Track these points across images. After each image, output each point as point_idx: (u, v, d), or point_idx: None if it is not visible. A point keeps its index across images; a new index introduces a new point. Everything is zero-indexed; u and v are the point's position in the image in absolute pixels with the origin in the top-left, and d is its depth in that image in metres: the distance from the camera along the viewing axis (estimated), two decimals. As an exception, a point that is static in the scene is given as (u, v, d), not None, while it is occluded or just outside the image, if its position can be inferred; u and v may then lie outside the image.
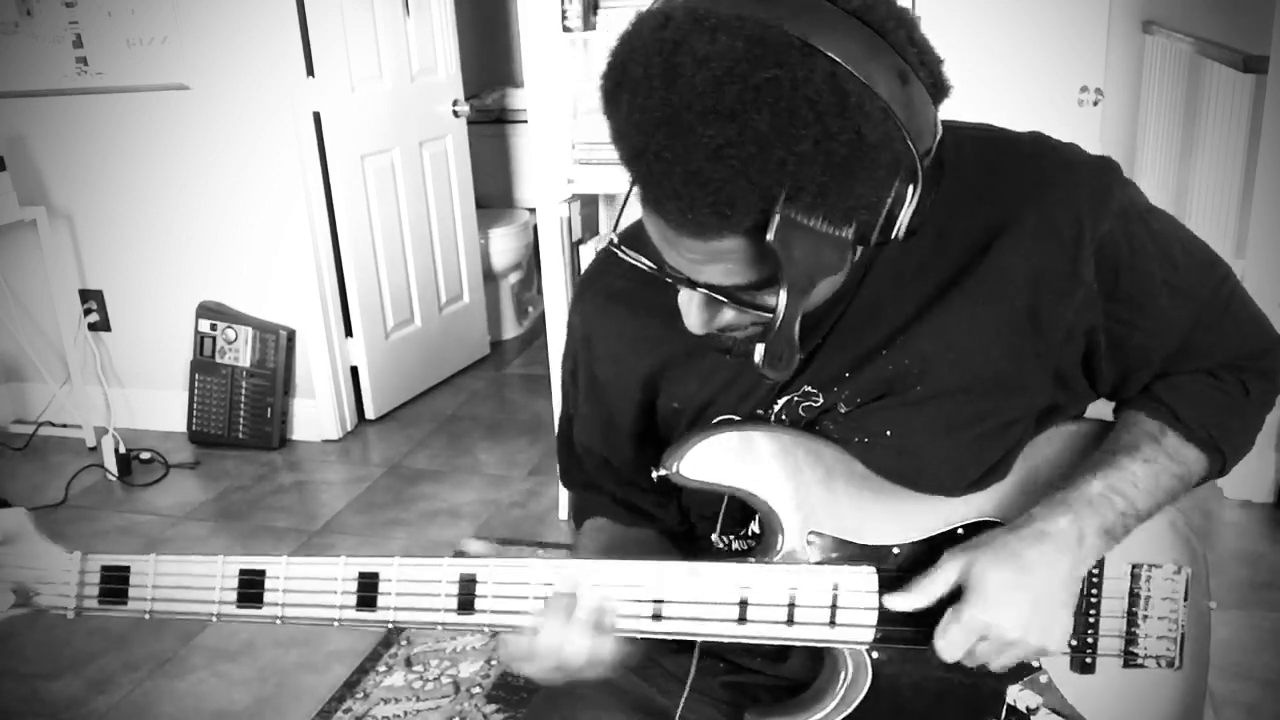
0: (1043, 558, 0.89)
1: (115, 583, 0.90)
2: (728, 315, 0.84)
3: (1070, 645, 0.98)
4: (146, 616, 0.91)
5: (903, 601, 0.91)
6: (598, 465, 1.12)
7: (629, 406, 1.05)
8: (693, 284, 0.81)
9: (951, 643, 0.89)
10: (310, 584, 0.89)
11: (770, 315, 0.78)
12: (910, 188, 0.77)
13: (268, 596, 0.90)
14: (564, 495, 2.94)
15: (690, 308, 0.84)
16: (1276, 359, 1.02)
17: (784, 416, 0.98)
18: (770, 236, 0.72)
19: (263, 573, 0.90)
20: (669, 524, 1.11)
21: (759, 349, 0.79)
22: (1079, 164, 0.93)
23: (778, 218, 0.72)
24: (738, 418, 0.99)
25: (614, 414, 1.07)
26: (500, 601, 0.90)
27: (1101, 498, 0.92)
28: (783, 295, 0.76)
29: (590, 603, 0.89)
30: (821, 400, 0.96)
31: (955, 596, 0.91)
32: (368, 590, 0.89)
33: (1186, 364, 0.99)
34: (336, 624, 0.89)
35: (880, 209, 0.76)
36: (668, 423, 1.04)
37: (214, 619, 0.90)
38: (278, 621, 0.90)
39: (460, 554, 0.92)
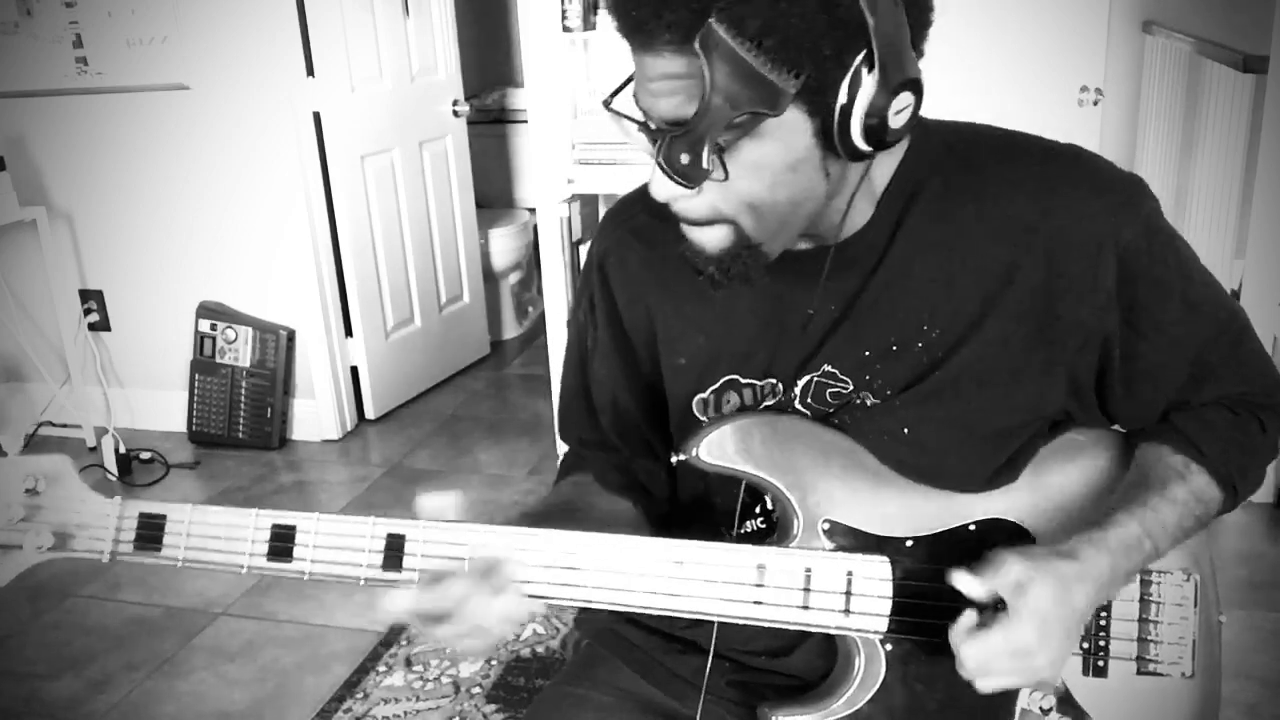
0: (1084, 598, 0.88)
1: (151, 529, 0.92)
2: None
3: (1082, 648, 0.99)
4: (179, 564, 0.92)
5: (966, 584, 0.88)
6: (611, 411, 1.11)
7: (642, 340, 1.07)
8: (655, 131, 0.83)
9: (991, 653, 0.86)
10: (339, 540, 0.91)
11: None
12: (865, 67, 0.79)
13: (297, 551, 0.91)
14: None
15: (659, 165, 0.85)
16: None
17: (809, 400, 0.99)
18: (697, 44, 0.77)
19: (294, 528, 0.91)
20: (657, 496, 1.12)
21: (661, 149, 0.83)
22: (1110, 175, 0.95)
23: (706, 25, 0.76)
24: (753, 405, 1.00)
25: (632, 345, 1.08)
26: (520, 569, 0.91)
27: (1136, 542, 0.91)
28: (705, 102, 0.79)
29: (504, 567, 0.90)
30: (851, 386, 0.97)
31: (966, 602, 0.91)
32: (394, 550, 0.91)
33: (1202, 393, 1.00)
34: (362, 582, 0.91)
35: (823, 66, 0.79)
36: (673, 380, 1.05)
37: (243, 570, 0.91)
38: (305, 576, 0.91)
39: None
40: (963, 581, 0.88)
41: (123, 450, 3.30)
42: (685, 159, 0.81)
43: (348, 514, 2.86)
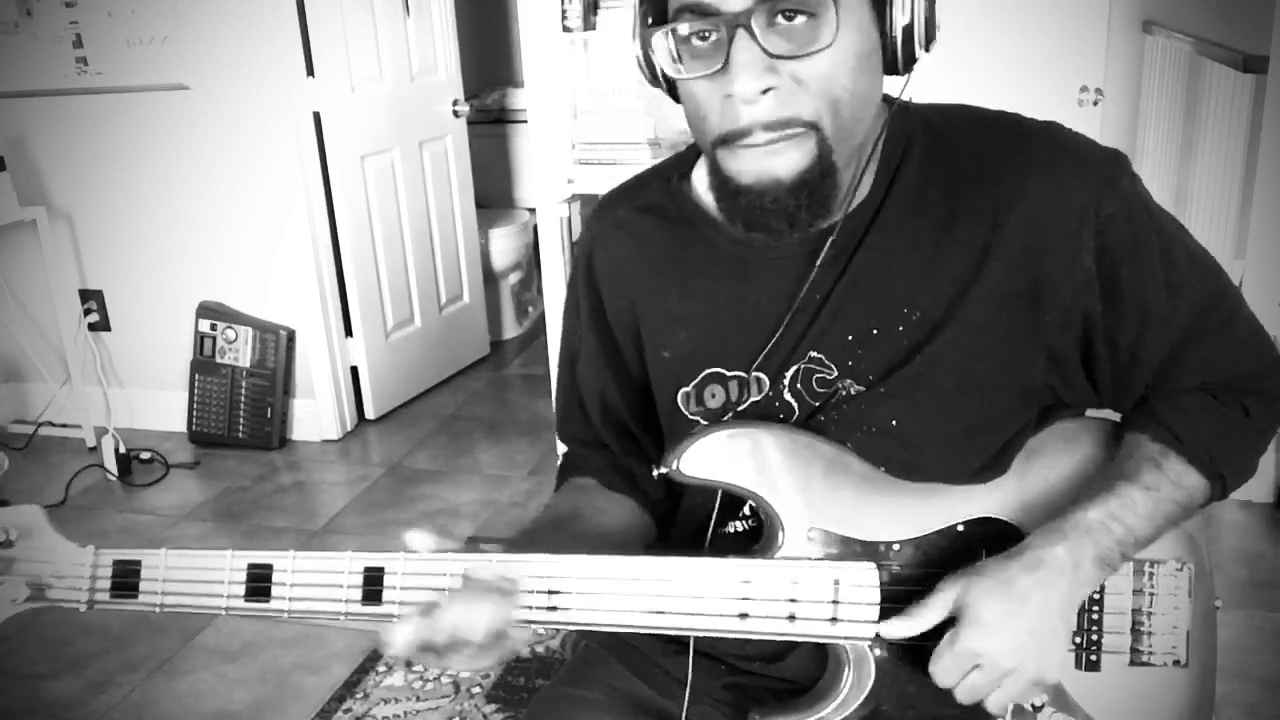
0: (1038, 586, 0.88)
1: (126, 577, 0.91)
2: (776, 73, 0.84)
3: (1074, 642, 0.98)
4: (157, 610, 0.91)
5: (899, 629, 0.91)
6: (599, 409, 1.11)
7: (628, 337, 1.07)
8: (742, 17, 0.82)
9: (945, 669, 0.89)
10: (317, 578, 0.90)
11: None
12: None
13: (275, 590, 0.90)
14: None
15: (742, 59, 0.83)
16: (1278, 383, 1.00)
17: (798, 388, 0.98)
18: None
19: (270, 567, 0.90)
20: (653, 495, 1.11)
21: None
22: (1089, 151, 0.94)
23: None
24: (736, 414, 1.00)
25: (617, 342, 1.08)
26: None
27: (1100, 525, 0.91)
28: None
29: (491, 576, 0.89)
30: (836, 372, 0.96)
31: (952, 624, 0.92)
32: (373, 585, 0.89)
33: (1184, 376, 0.98)
34: (343, 618, 0.90)
35: None
36: (659, 374, 1.05)
37: (223, 612, 0.91)
38: (285, 616, 0.90)
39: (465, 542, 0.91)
40: (894, 629, 0.91)
41: (123, 450, 3.30)
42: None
43: (348, 514, 2.85)
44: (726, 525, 1.03)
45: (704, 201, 1.01)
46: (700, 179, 1.02)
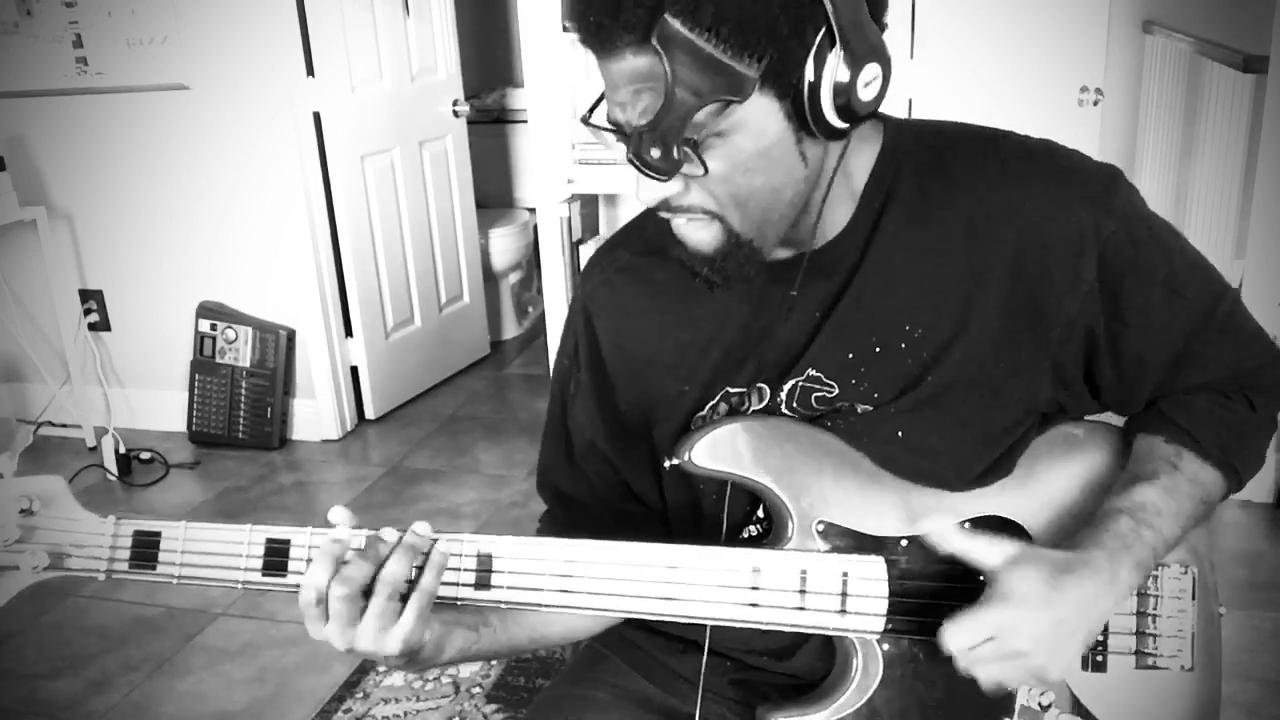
0: (1077, 586, 0.88)
1: (146, 547, 0.91)
2: (673, 185, 0.86)
3: None
4: (174, 581, 0.91)
5: (947, 532, 0.89)
6: (587, 457, 1.11)
7: (627, 380, 1.06)
8: (629, 136, 0.83)
9: (961, 630, 0.87)
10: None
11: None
12: (827, 42, 0.80)
13: (292, 565, 0.91)
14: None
15: (643, 174, 0.85)
16: (1278, 375, 1.02)
17: (795, 405, 0.98)
18: (655, 41, 0.77)
19: (288, 542, 0.91)
20: (650, 535, 1.11)
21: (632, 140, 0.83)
22: (1086, 168, 0.95)
23: (661, 20, 0.77)
24: (748, 410, 1.00)
25: (614, 387, 1.07)
26: (517, 578, 0.91)
27: (1132, 532, 0.91)
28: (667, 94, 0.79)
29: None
30: (837, 391, 0.97)
31: (966, 595, 0.92)
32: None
33: (1188, 377, 0.99)
34: None
35: (784, 46, 0.79)
36: (673, 408, 1.04)
37: (239, 586, 0.91)
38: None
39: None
40: (940, 529, 0.88)
41: (123, 450, 3.30)
42: (656, 153, 0.82)
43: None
44: (742, 531, 1.03)
45: None
46: None
